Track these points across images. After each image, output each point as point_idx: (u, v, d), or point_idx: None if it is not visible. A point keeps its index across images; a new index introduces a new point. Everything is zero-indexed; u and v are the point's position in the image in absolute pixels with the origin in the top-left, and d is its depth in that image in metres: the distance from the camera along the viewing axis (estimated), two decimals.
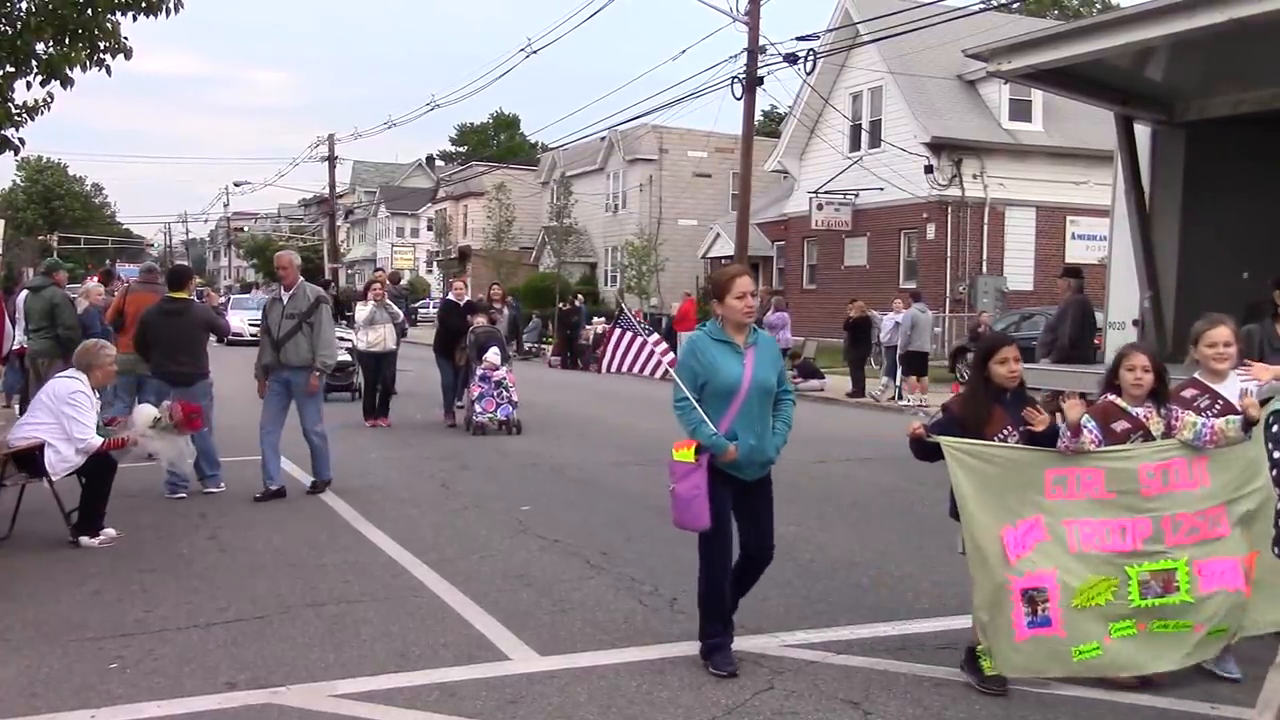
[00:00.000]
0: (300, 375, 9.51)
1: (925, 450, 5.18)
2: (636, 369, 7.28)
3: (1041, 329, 13.71)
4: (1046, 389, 12.52)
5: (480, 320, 14.82)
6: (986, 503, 5.01)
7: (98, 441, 7.80)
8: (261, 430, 9.56)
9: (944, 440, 5.07)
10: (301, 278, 9.81)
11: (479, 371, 14.15)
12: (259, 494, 9.46)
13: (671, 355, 6.96)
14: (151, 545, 7.75)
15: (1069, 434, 5.05)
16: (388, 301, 15.25)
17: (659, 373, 6.73)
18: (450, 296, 15.98)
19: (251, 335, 35.29)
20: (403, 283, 18.63)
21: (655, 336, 7.30)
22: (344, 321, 18.82)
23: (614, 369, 7.49)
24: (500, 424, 14.11)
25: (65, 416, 7.66)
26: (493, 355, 14.13)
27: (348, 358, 16.97)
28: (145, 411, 8.51)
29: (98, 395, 8.17)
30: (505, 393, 14.15)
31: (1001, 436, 5.15)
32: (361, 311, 15.16)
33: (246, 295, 48.58)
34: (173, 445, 8.45)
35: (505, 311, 18.41)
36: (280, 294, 9.86)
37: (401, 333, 15.76)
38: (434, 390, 15.82)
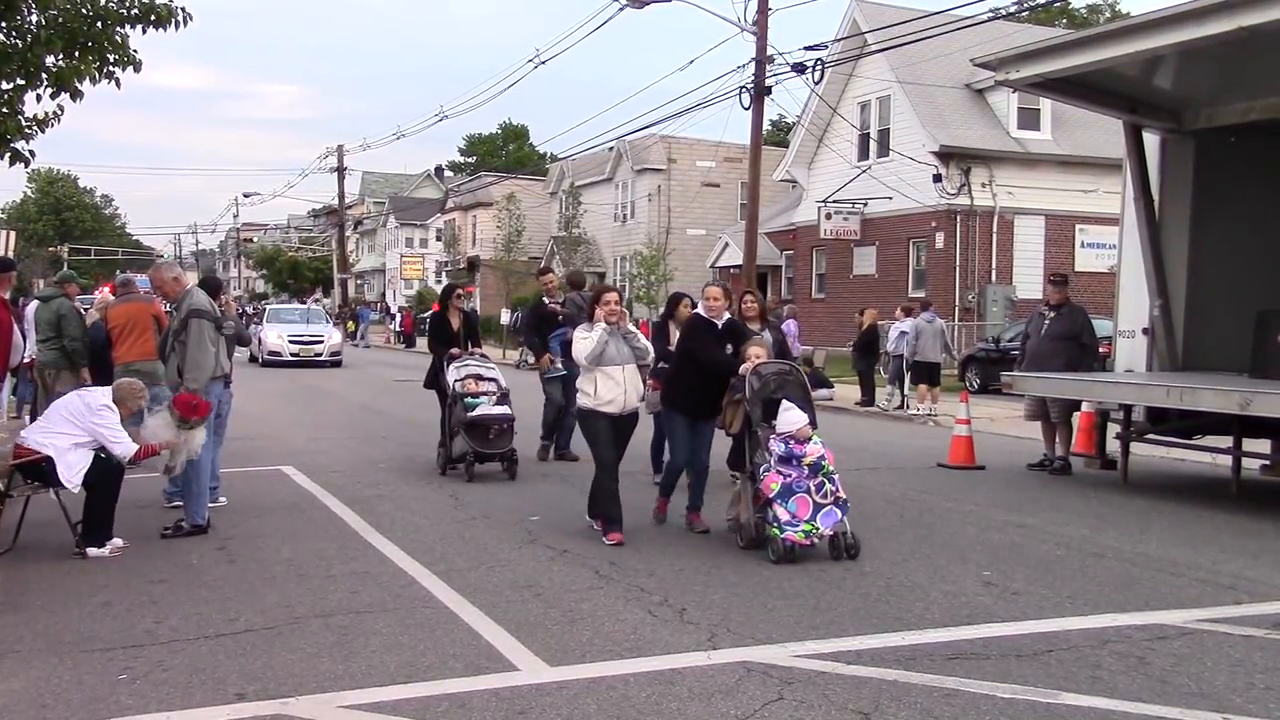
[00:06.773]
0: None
1: None
2: None
3: (1033, 339, 13.22)
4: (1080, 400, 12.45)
5: (758, 352, 8.48)
6: None
7: (134, 447, 7.93)
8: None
9: None
10: (190, 285, 8.95)
11: (775, 447, 7.89)
12: (168, 528, 8.50)
13: None
14: (161, 556, 7.76)
15: None
16: (631, 328, 8.76)
17: None
18: (699, 311, 9.02)
19: (292, 355, 32.74)
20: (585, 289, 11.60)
21: None
22: (477, 349, 12.25)
23: None
24: (825, 539, 7.83)
25: (97, 429, 7.81)
26: (794, 418, 7.98)
27: (505, 410, 11.43)
28: (162, 418, 8.46)
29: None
30: (828, 485, 7.89)
31: None
32: (584, 342, 8.52)
33: (303, 305, 43.69)
34: (194, 438, 8.41)
35: (767, 336, 10.42)
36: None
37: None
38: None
